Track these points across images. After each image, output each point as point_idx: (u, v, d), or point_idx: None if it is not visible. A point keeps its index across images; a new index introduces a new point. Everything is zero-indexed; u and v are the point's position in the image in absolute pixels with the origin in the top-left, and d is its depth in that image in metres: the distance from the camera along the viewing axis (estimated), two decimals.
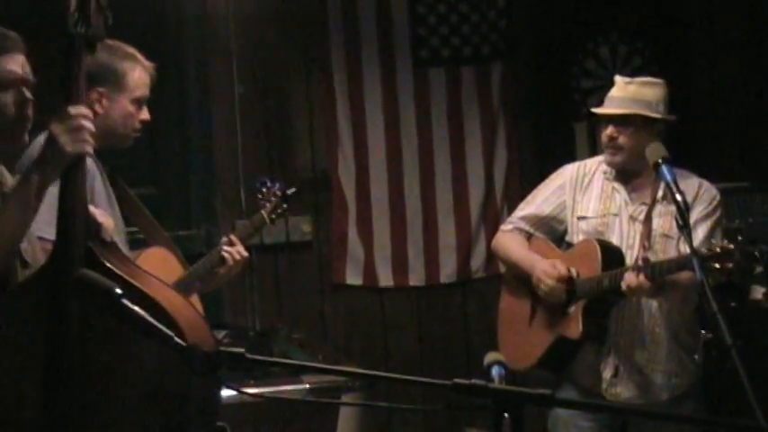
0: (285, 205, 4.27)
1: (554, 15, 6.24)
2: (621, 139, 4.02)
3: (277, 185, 4.27)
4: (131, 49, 3.84)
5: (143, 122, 3.85)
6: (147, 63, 3.86)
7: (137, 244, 3.97)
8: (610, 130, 4.05)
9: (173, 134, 4.69)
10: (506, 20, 6.20)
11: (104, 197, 3.74)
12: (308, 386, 4.00)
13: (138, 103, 3.82)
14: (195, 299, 3.96)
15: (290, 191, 4.31)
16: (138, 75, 3.81)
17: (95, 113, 3.72)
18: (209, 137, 5.98)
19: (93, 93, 3.72)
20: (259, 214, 4.24)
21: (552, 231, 4.26)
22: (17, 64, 2.77)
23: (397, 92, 6.10)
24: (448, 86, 6.15)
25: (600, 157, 4.24)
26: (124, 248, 3.80)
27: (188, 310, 2.71)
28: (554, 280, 4.05)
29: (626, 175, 4.11)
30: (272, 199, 4.24)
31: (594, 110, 4.20)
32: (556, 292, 4.06)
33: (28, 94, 2.78)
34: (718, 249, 3.64)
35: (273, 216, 4.25)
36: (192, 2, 5.88)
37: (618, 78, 4.18)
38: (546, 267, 4.08)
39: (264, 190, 4.26)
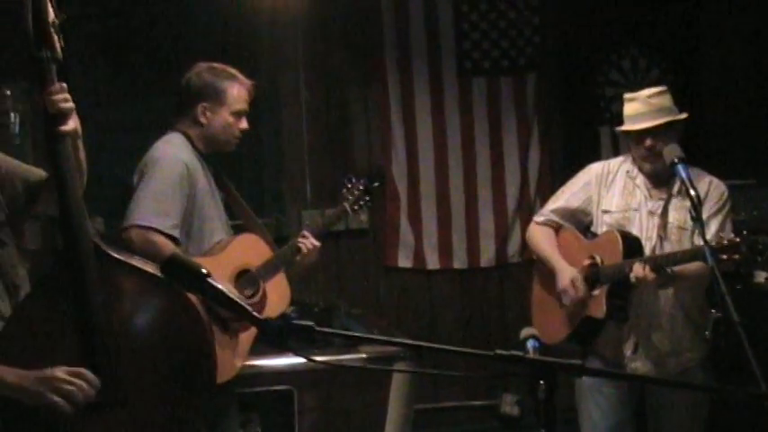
0: (368, 197, 4.25)
1: (582, 32, 6.23)
2: (659, 147, 3.89)
3: (361, 181, 4.27)
4: (233, 70, 3.91)
5: (242, 131, 3.93)
6: (246, 81, 3.92)
7: (237, 230, 4.05)
8: (650, 142, 3.94)
9: (248, 135, 4.72)
10: (540, 36, 6.19)
11: (208, 191, 3.84)
12: (364, 355, 4.02)
13: (238, 115, 3.89)
14: (282, 276, 4.01)
15: (375, 184, 4.30)
16: (237, 91, 3.88)
17: (200, 124, 3.86)
18: (279, 137, 6.03)
19: (198, 107, 3.84)
20: (342, 205, 4.24)
21: (579, 222, 4.23)
22: None
23: (443, 99, 6.12)
24: (488, 94, 6.16)
25: (622, 158, 4.20)
26: (226, 233, 3.91)
27: None
28: (571, 300, 4.07)
29: (651, 175, 4.05)
30: (356, 192, 4.25)
31: (635, 127, 3.99)
32: (574, 306, 4.08)
33: None
34: (725, 242, 3.61)
35: (356, 207, 4.23)
36: (265, 21, 5.92)
37: (632, 95, 4.06)
38: (567, 286, 4.08)
39: (349, 185, 4.25)
